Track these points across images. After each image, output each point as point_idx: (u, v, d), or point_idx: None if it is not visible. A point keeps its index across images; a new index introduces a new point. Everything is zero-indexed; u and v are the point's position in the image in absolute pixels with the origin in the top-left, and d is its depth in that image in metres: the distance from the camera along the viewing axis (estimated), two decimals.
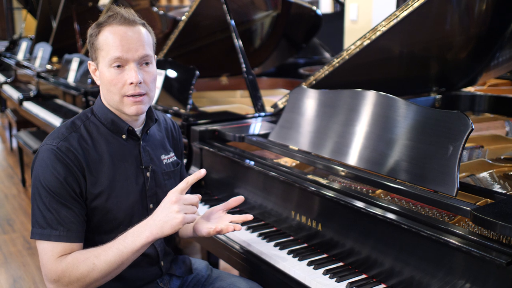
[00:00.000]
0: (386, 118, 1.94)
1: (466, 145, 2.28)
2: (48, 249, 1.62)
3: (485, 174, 2.04)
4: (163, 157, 1.90)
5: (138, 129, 1.82)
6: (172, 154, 1.95)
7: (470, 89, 3.27)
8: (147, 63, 1.72)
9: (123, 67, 1.68)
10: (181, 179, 2.02)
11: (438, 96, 3.10)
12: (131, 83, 1.68)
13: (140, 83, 1.69)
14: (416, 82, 3.04)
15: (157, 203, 1.83)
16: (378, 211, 1.70)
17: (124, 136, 1.78)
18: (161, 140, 1.93)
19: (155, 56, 1.82)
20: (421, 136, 1.81)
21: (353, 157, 1.99)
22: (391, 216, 1.66)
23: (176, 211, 1.59)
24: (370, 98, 2.02)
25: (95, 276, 1.60)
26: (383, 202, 1.74)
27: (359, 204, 1.77)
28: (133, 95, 1.70)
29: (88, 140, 1.72)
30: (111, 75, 1.68)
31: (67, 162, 1.64)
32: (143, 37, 1.71)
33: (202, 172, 1.70)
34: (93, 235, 1.73)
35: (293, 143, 2.27)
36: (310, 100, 2.27)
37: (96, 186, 1.69)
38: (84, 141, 1.71)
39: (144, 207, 1.81)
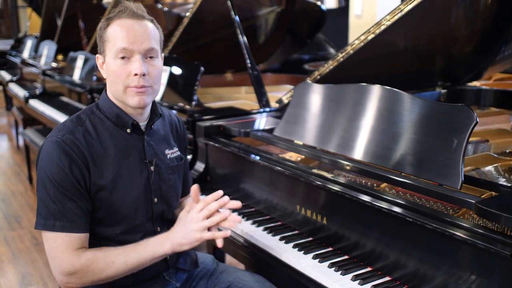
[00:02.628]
0: (390, 112, 1.94)
1: (472, 139, 2.29)
2: (59, 242, 1.66)
3: (490, 168, 2.04)
4: (167, 151, 1.92)
5: (143, 123, 1.84)
6: (176, 149, 1.97)
7: (476, 83, 3.27)
8: (151, 57, 1.75)
9: (129, 59, 1.71)
10: (184, 175, 2.04)
11: (443, 91, 3.10)
12: (135, 74, 1.70)
13: (144, 75, 1.71)
14: (421, 76, 3.04)
15: (161, 197, 1.86)
16: (383, 205, 1.70)
17: (128, 130, 1.80)
18: (165, 135, 1.95)
19: (162, 54, 1.84)
20: (425, 129, 1.81)
21: (358, 151, 1.99)
22: (396, 209, 1.66)
23: (194, 230, 1.73)
24: (375, 92, 2.03)
25: (110, 274, 1.69)
26: (388, 196, 1.74)
27: (364, 197, 1.77)
28: (136, 87, 1.72)
29: (93, 134, 1.74)
30: (116, 66, 1.71)
31: (72, 154, 1.67)
32: (150, 31, 1.74)
33: (220, 193, 1.80)
34: (99, 228, 1.76)
35: (298, 138, 2.28)
36: (315, 95, 2.28)
37: (100, 179, 1.71)
38: (89, 134, 1.73)
39: (148, 201, 1.83)
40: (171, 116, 2.04)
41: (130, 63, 1.71)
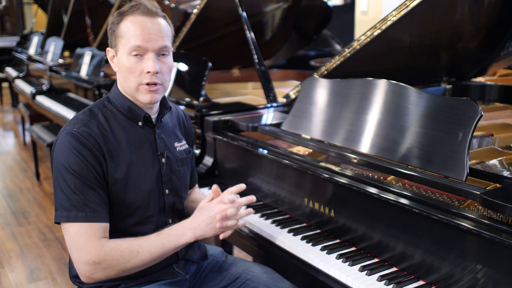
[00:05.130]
0: (396, 106, 1.97)
1: (476, 133, 2.32)
2: (82, 232, 1.66)
3: (494, 161, 2.06)
4: (176, 144, 1.96)
5: (153, 117, 1.88)
6: (184, 142, 2.01)
7: (481, 79, 3.29)
8: (164, 54, 1.78)
9: (142, 56, 1.74)
10: (191, 167, 2.07)
11: (448, 86, 3.12)
12: (148, 72, 1.73)
13: (156, 73, 1.74)
14: (427, 72, 3.05)
15: (172, 189, 1.90)
16: (389, 197, 1.73)
17: (140, 123, 1.83)
18: (173, 128, 1.99)
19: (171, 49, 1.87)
20: (431, 123, 1.83)
21: (365, 145, 2.02)
22: (402, 201, 1.69)
23: (219, 227, 1.79)
24: (381, 87, 2.05)
25: (136, 264, 1.71)
26: (395, 188, 1.77)
27: (371, 190, 1.80)
28: (148, 84, 1.75)
29: (106, 127, 1.77)
30: (130, 63, 1.74)
31: (89, 145, 1.69)
32: (163, 28, 1.77)
33: (243, 186, 1.89)
34: (113, 220, 1.78)
35: (305, 132, 2.30)
36: (322, 90, 2.30)
37: (115, 171, 1.74)
38: (103, 127, 1.76)
39: (160, 192, 1.87)
40: (178, 110, 2.08)
41: (143, 60, 1.74)
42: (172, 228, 1.77)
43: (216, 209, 1.78)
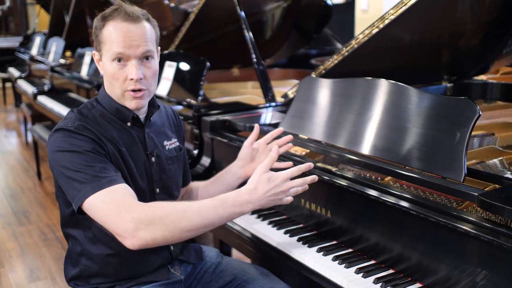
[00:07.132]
0: (394, 105, 1.94)
1: (477, 132, 2.29)
2: (108, 197, 1.58)
3: (495, 161, 2.03)
4: (165, 143, 1.95)
5: (141, 116, 1.87)
6: (174, 140, 2.00)
7: (483, 77, 3.26)
8: (147, 58, 1.76)
9: (125, 62, 1.72)
10: (183, 165, 2.06)
11: (449, 85, 3.09)
12: (132, 79, 1.72)
13: (140, 79, 1.73)
14: (427, 70, 3.03)
15: (162, 188, 1.89)
16: (387, 198, 1.71)
17: (129, 124, 1.82)
18: (162, 127, 1.98)
19: (159, 49, 1.85)
20: (428, 122, 1.81)
21: (362, 145, 1.99)
22: (400, 202, 1.67)
23: (283, 196, 1.73)
24: (379, 86, 2.02)
25: (184, 225, 1.58)
26: (392, 189, 1.74)
27: (369, 191, 1.78)
28: (133, 90, 1.74)
29: (97, 127, 1.75)
30: (113, 69, 1.73)
31: (87, 134, 1.68)
32: (146, 33, 1.74)
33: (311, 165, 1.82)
34: None
35: (303, 132, 2.28)
36: (320, 89, 2.28)
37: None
38: (93, 127, 1.74)
39: (150, 191, 1.86)
40: (166, 108, 2.07)
41: (126, 67, 1.72)
42: (229, 196, 1.67)
43: (284, 186, 1.72)
